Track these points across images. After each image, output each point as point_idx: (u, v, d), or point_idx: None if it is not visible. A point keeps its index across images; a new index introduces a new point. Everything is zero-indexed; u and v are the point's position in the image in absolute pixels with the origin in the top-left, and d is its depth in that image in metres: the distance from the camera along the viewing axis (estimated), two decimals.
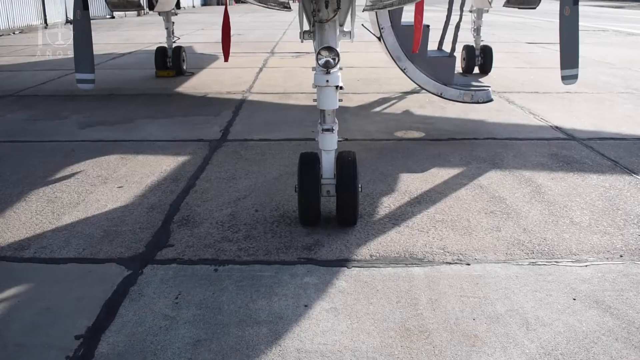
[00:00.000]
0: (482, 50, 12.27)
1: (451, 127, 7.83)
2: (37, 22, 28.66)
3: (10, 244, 4.34)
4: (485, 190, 5.41)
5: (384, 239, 4.37)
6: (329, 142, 4.46)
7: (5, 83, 11.73)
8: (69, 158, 6.49)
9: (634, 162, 6.27)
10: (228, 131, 7.62)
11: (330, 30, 4.48)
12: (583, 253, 4.15)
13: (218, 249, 4.21)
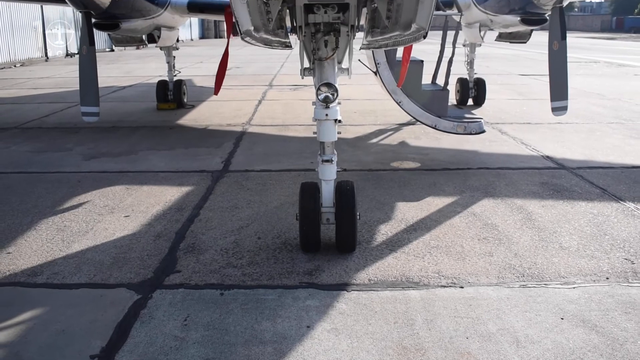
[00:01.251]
0: (475, 82, 12.62)
1: (446, 157, 8.08)
2: (38, 55, 29.13)
3: (23, 270, 4.53)
4: (478, 217, 5.63)
5: (382, 264, 4.57)
6: (328, 173, 4.69)
7: (9, 115, 11.99)
8: (75, 188, 6.70)
9: (622, 190, 6.51)
10: (229, 162, 7.85)
11: (329, 67, 4.74)
12: (571, 276, 4.36)
13: (223, 275, 4.41)
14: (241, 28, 4.01)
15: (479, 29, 10.54)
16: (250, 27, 4.00)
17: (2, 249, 4.95)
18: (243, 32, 4.05)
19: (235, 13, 3.92)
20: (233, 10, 3.92)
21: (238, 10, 3.92)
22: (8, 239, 5.16)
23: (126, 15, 8.60)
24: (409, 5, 3.96)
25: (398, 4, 4.07)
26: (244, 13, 3.94)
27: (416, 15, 3.97)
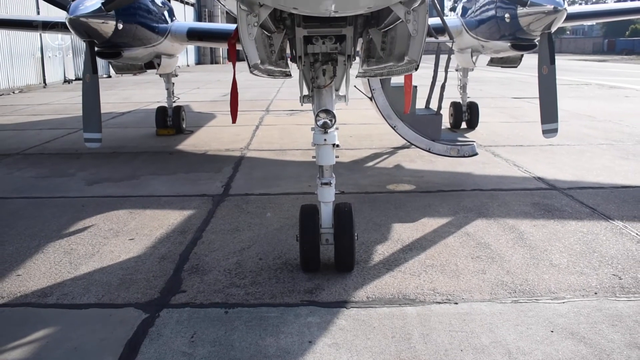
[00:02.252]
0: (468, 106, 12.90)
1: (440, 179, 8.29)
2: (36, 82, 29.41)
3: (34, 292, 4.70)
4: (471, 237, 5.83)
5: (379, 283, 4.76)
6: (327, 195, 4.89)
7: (11, 142, 12.19)
8: (80, 213, 6.88)
9: (611, 209, 6.72)
10: (229, 186, 8.05)
11: (327, 94, 4.98)
12: (561, 291, 4.55)
13: (227, 294, 4.58)
14: (250, 62, 4.29)
15: (470, 55, 10.84)
16: (258, 61, 4.25)
17: (12, 271, 5.12)
18: (252, 66, 4.31)
19: (244, 49, 4.19)
20: (243, 47, 4.17)
21: (247, 46, 4.19)
22: (17, 262, 5.33)
23: (128, 43, 8.84)
24: (402, 40, 4.21)
25: (392, 36, 4.33)
26: (252, 48, 4.22)
27: (408, 49, 4.23)
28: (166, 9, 10.13)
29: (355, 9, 3.74)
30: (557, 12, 7.43)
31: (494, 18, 8.77)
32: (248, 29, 3.92)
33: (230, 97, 5.92)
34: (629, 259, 5.22)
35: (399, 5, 3.79)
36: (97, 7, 7.47)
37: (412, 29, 3.95)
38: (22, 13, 27.24)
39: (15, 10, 26.85)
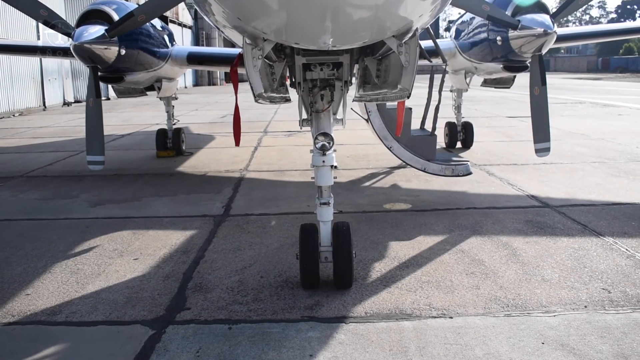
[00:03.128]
0: (463, 126, 13.15)
1: (435, 198, 8.48)
2: (36, 105, 29.66)
3: (43, 310, 4.86)
4: (466, 254, 6.01)
5: (377, 298, 4.93)
6: (325, 214, 5.08)
7: (13, 164, 12.39)
8: (84, 234, 7.06)
9: (602, 225, 6.92)
10: (230, 207, 8.23)
11: (325, 118, 5.20)
12: (552, 305, 4.73)
13: (230, 311, 4.75)
14: (255, 92, 4.56)
15: (464, 76, 11.10)
16: (262, 90, 4.49)
17: (21, 290, 5.28)
18: (256, 95, 4.57)
19: (249, 80, 4.44)
20: (248, 78, 4.41)
21: (252, 78, 4.43)
22: (26, 282, 5.50)
23: (130, 68, 9.07)
24: (395, 69, 4.46)
25: (386, 65, 4.57)
26: (257, 79, 4.49)
27: (401, 78, 4.46)
28: (166, 34, 10.38)
29: (352, 43, 3.96)
30: (547, 35, 7.66)
31: (487, 40, 9.02)
32: (253, 61, 4.16)
33: (233, 121, 6.14)
34: (618, 273, 5.40)
35: (391, 38, 4.01)
36: (101, 34, 7.69)
37: (404, 60, 4.20)
38: (23, 36, 27.59)
39: (16, 33, 27.16)
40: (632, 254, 5.93)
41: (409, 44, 4.24)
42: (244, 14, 3.41)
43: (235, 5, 3.29)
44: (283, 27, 3.46)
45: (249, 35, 3.96)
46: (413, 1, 3.19)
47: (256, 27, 3.55)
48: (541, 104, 7.96)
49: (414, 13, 3.47)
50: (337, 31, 3.40)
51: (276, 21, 3.32)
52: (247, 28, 3.65)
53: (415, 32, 4.10)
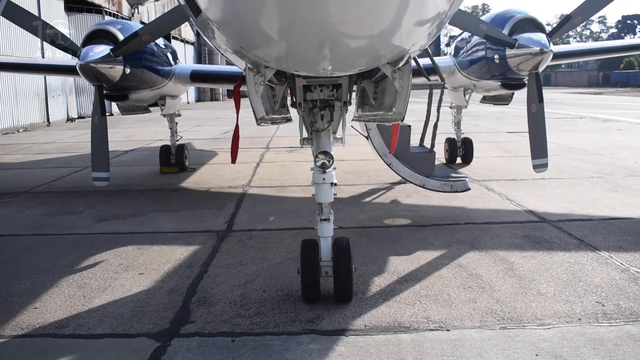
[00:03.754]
0: (463, 142, 13.32)
1: (435, 214, 8.62)
2: (40, 121, 29.93)
3: (51, 323, 5.00)
4: (464, 268, 6.15)
5: (376, 312, 5.06)
6: (326, 230, 5.22)
7: (18, 180, 12.56)
8: (90, 249, 7.20)
9: (598, 240, 7.05)
10: (233, 222, 8.37)
11: (325, 137, 5.36)
12: (547, 318, 4.86)
13: (233, 324, 4.88)
14: (257, 116, 4.79)
15: (463, 93, 11.30)
16: (264, 114, 4.68)
17: (29, 304, 5.42)
18: (259, 119, 4.80)
19: (252, 104, 4.66)
20: (250, 102, 4.64)
21: (254, 102, 4.65)
22: (34, 295, 5.64)
23: (134, 87, 9.27)
24: (390, 93, 4.69)
25: (382, 88, 4.76)
26: (259, 104, 4.71)
27: (395, 102, 4.67)
28: (170, 52, 10.59)
29: (349, 70, 4.17)
30: (543, 54, 7.84)
31: (485, 59, 9.21)
32: (255, 87, 4.36)
33: (232, 140, 6.31)
34: (612, 287, 5.53)
35: (386, 65, 4.22)
36: (106, 54, 7.86)
37: (398, 86, 4.41)
38: (27, 53, 27.93)
39: (21, 50, 27.49)
40: (627, 267, 6.06)
41: (403, 70, 4.46)
42: (246, 43, 3.60)
43: (238, 34, 3.47)
44: (283, 56, 3.66)
45: (251, 62, 4.14)
46: (405, 32, 3.38)
47: (258, 56, 3.75)
48: (538, 120, 8.12)
49: (407, 42, 3.64)
50: (334, 59, 3.59)
51: (277, 50, 3.51)
52: (249, 56, 3.84)
53: (408, 59, 4.31)
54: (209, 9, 3.20)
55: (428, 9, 3.26)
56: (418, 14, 3.22)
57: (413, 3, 3.05)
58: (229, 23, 3.34)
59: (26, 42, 27.40)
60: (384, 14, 3.05)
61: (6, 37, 26.27)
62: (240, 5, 3.02)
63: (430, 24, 3.42)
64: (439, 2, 3.24)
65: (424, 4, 3.19)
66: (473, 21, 7.31)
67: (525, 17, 8.47)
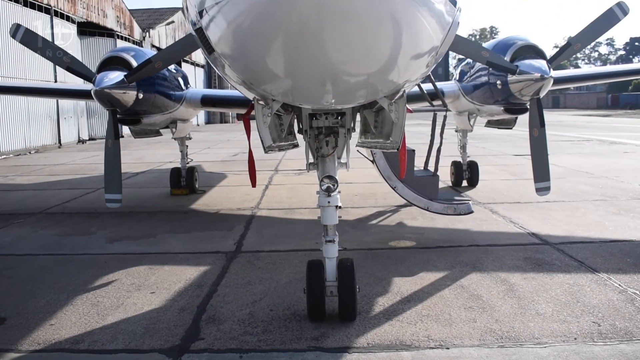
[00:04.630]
0: (468, 165, 13.52)
1: (439, 236, 8.81)
2: (52, 142, 30.35)
3: (66, 339, 5.21)
4: (465, 289, 6.32)
5: (379, 331, 5.25)
6: (331, 251, 5.43)
7: (32, 201, 12.85)
8: (103, 268, 7.43)
9: (598, 262, 7.21)
10: (241, 244, 8.59)
11: (330, 162, 5.61)
12: (544, 337, 5.03)
13: (241, 341, 5.08)
14: (265, 145, 5.13)
15: (468, 117, 11.51)
16: (271, 142, 4.96)
17: (45, 321, 5.64)
18: (266, 147, 5.15)
19: (260, 134, 4.99)
20: (259, 132, 4.97)
21: (262, 132, 4.98)
22: (49, 313, 5.86)
23: (147, 111, 9.53)
24: (388, 123, 5.00)
25: (382, 118, 5.03)
26: (267, 134, 5.06)
27: (392, 132, 4.96)
28: (181, 76, 10.87)
29: (350, 103, 4.49)
30: (543, 80, 8.04)
31: (487, 84, 9.43)
32: (263, 118, 4.67)
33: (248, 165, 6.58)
34: (609, 307, 5.69)
35: (383, 98, 4.53)
36: (120, 79, 8.14)
37: (394, 117, 4.71)
38: (40, 76, 28.42)
39: (34, 73, 27.98)
40: (625, 289, 6.22)
41: (398, 103, 4.76)
42: (254, 79, 3.91)
43: (247, 71, 3.77)
44: (289, 91, 3.96)
45: (259, 95, 4.42)
46: (399, 70, 3.68)
47: (265, 90, 4.06)
48: (540, 144, 8.28)
49: (400, 79, 3.94)
50: (336, 94, 3.90)
51: (283, 86, 3.80)
52: (258, 90, 4.14)
53: (403, 93, 4.59)
54: (221, 49, 3.49)
55: (419, 50, 3.55)
56: (410, 55, 3.52)
57: (405, 45, 3.34)
58: (239, 61, 3.64)
59: (40, 65, 27.88)
60: (379, 55, 3.36)
61: (20, 60, 26.79)
62: (249, 46, 3.32)
63: (422, 62, 3.72)
64: (429, 43, 3.53)
65: (415, 45, 3.47)
66: (475, 48, 7.53)
67: (526, 44, 8.70)
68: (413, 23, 3.22)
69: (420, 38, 3.38)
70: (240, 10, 3.06)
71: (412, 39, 3.32)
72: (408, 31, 3.21)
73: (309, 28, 3.05)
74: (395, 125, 4.92)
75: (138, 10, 50.73)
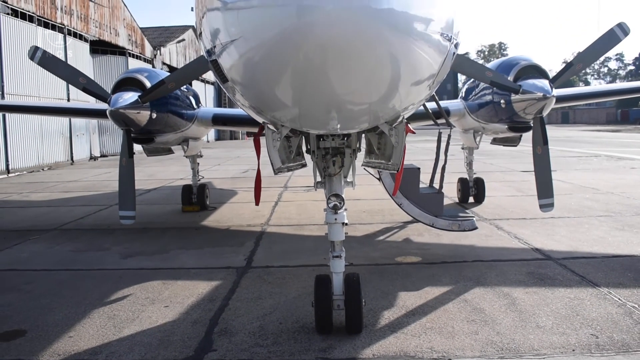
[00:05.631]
0: (475, 182, 13.72)
1: (445, 252, 9.01)
2: (64, 159, 30.77)
3: (85, 350, 5.45)
4: (469, 303, 6.53)
5: (384, 343, 5.46)
6: (338, 266, 5.67)
7: (47, 218, 13.15)
8: (118, 283, 7.67)
9: (599, 277, 7.40)
10: (252, 259, 8.83)
11: (337, 181, 5.87)
12: (543, 349, 5.22)
13: (252, 352, 5.31)
14: (274, 167, 5.51)
15: (473, 135, 11.74)
16: (281, 164, 5.26)
17: (64, 333, 5.89)
18: (276, 169, 5.52)
19: (269, 156, 5.35)
20: (269, 155, 5.34)
21: (272, 155, 5.36)
22: (68, 325, 6.11)
23: (160, 130, 9.81)
24: (389, 146, 5.33)
25: (384, 140, 5.33)
26: (276, 156, 5.41)
27: (392, 155, 5.30)
28: (192, 95, 11.15)
29: (353, 129, 4.82)
30: (546, 99, 8.27)
31: (492, 103, 9.66)
32: (273, 142, 4.97)
33: (255, 184, 6.85)
34: (608, 321, 5.88)
35: (384, 124, 4.89)
36: (134, 100, 8.44)
37: (394, 141, 5.03)
38: (53, 94, 28.90)
39: (48, 91, 28.47)
40: (624, 302, 6.41)
41: (398, 128, 5.10)
42: (265, 107, 4.28)
43: (259, 100, 4.14)
44: (297, 118, 4.29)
45: (269, 121, 4.72)
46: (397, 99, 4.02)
47: (275, 117, 4.41)
48: (544, 162, 8.48)
49: (399, 107, 4.29)
50: (340, 121, 4.24)
51: (292, 114, 4.13)
52: (268, 117, 4.46)
53: (402, 119, 4.93)
54: (234, 79, 3.85)
55: (415, 82, 3.88)
56: (407, 86, 3.85)
57: (402, 78, 3.69)
58: (250, 91, 4.00)
59: (53, 83, 28.35)
60: (378, 87, 3.70)
61: (34, 78, 27.28)
62: (260, 79, 3.68)
63: (419, 92, 4.07)
64: (424, 76, 3.86)
65: (411, 79, 3.80)
66: (479, 69, 7.75)
67: (529, 64, 8.93)
68: (408, 60, 3.54)
69: (416, 73, 3.70)
70: (251, 46, 3.40)
71: (409, 73, 3.64)
72: (404, 66, 3.53)
73: (315, 64, 3.38)
74: (395, 148, 5.23)
75: (149, 29, 51.38)
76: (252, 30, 3.36)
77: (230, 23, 3.45)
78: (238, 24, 3.41)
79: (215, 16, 3.55)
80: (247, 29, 3.39)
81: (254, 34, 3.38)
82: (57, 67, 8.34)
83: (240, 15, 3.35)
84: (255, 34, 3.37)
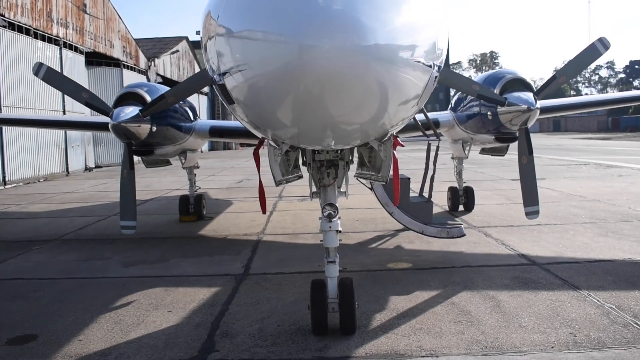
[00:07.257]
0: (464, 190, 14.13)
1: (434, 258, 9.39)
2: (60, 171, 31.03)
3: (95, 352, 5.80)
4: (456, 306, 6.91)
5: (376, 342, 5.83)
6: (332, 271, 6.04)
7: (48, 228, 13.46)
8: (122, 290, 8.01)
9: (580, 280, 7.79)
10: (249, 267, 9.18)
11: (331, 191, 6.27)
12: (524, 346, 5.60)
13: (253, 352, 5.67)
14: (276, 179, 6.02)
15: (462, 145, 12.15)
16: (281, 177, 5.69)
17: (74, 337, 6.23)
18: (277, 181, 6.02)
19: (272, 171, 5.93)
20: (271, 169, 5.93)
21: (274, 169, 5.90)
22: (77, 330, 6.45)
23: (159, 143, 10.16)
24: (378, 159, 5.80)
25: (375, 154, 5.75)
26: (277, 170, 5.91)
27: (381, 168, 5.77)
28: (190, 109, 11.49)
29: (346, 145, 5.25)
30: (530, 111, 8.65)
31: (479, 115, 10.06)
32: (274, 158, 5.41)
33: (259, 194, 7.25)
34: (586, 320, 6.27)
35: (374, 140, 5.37)
36: (136, 114, 8.79)
37: (383, 156, 5.49)
38: (49, 106, 29.19)
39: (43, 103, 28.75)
40: (602, 304, 6.80)
41: (386, 144, 5.57)
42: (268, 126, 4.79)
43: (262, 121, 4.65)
44: (296, 136, 4.75)
45: (271, 139, 5.14)
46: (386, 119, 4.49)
47: (276, 136, 4.89)
48: (529, 171, 8.83)
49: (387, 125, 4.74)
50: (335, 139, 4.69)
51: (292, 133, 4.57)
52: (270, 135, 4.92)
53: (390, 136, 5.40)
54: (240, 102, 4.33)
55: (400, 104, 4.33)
56: (393, 108, 4.32)
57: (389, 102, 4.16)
58: (254, 113, 4.50)
59: (49, 95, 28.63)
60: (368, 111, 4.18)
61: (30, 90, 27.58)
62: (263, 103, 4.16)
63: (404, 112, 4.55)
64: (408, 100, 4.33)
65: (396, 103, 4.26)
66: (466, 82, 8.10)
67: (514, 77, 9.34)
68: (395, 85, 4.02)
69: (402, 96, 4.18)
70: (257, 75, 3.89)
71: (395, 97, 4.12)
72: (391, 91, 4.03)
73: (313, 93, 3.86)
74: (384, 162, 5.68)
75: (143, 40, 51.73)
76: (258, 61, 3.83)
77: (237, 52, 3.92)
78: (244, 54, 3.90)
79: (223, 43, 3.98)
80: (254, 59, 3.85)
81: (259, 65, 3.85)
82: (61, 83, 8.67)
83: (247, 46, 3.83)
84: (260, 66, 3.84)
